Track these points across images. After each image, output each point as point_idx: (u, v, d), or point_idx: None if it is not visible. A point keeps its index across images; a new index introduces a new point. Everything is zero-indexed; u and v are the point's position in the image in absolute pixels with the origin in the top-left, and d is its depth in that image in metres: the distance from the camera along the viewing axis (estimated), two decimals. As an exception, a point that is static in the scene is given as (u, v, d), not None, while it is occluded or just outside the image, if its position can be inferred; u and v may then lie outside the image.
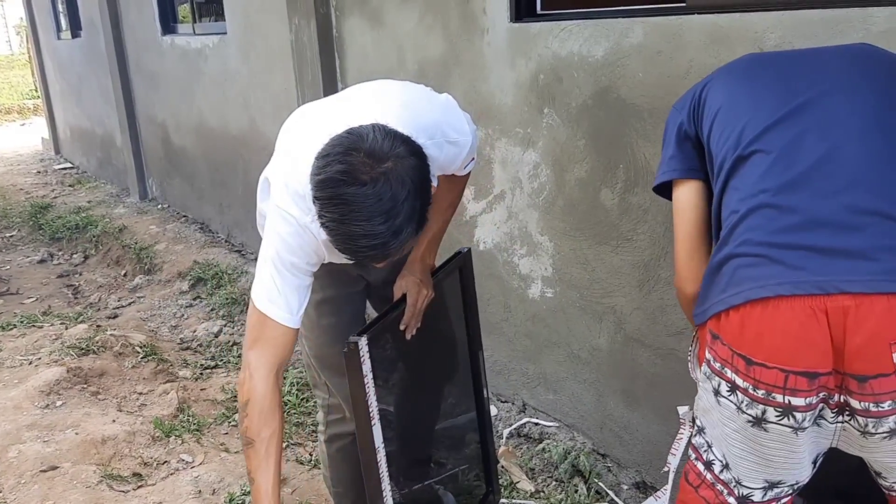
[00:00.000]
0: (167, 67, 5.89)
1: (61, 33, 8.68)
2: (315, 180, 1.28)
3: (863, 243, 1.12)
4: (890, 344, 1.08)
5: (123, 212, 6.60)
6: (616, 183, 2.36)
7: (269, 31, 4.25)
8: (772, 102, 1.29)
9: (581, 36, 2.37)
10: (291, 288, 1.51)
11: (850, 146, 1.19)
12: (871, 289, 1.09)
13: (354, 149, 1.26)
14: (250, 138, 4.82)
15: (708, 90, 1.43)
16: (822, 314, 1.12)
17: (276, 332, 1.50)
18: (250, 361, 1.50)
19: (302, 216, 1.46)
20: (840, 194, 1.17)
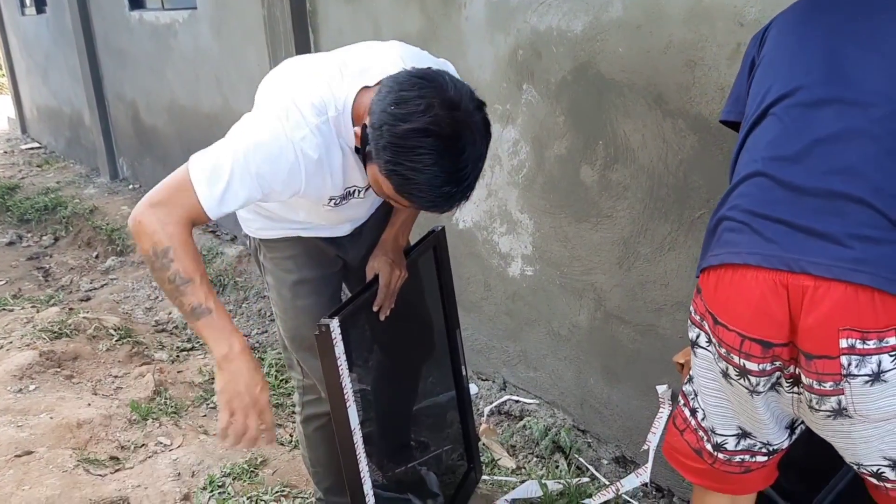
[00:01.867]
0: (136, 44, 5.75)
1: (26, 9, 8.44)
2: (401, 129, 1.27)
3: (840, 229, 1.14)
4: (839, 329, 1.13)
5: (94, 192, 6.47)
6: (596, 160, 2.35)
7: (240, 6, 4.16)
8: (807, 63, 1.27)
9: (560, 10, 2.34)
10: (239, 189, 1.37)
11: (863, 130, 1.18)
12: (832, 274, 1.12)
13: (439, 98, 1.28)
14: (223, 117, 4.73)
15: (771, 28, 1.42)
16: (784, 289, 1.16)
17: (193, 208, 1.36)
18: (159, 215, 1.35)
19: (294, 131, 1.38)
20: (834, 176, 1.17)
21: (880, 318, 1.11)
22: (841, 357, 1.14)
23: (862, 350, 1.13)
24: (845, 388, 1.16)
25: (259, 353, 3.44)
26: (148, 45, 5.54)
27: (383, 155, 1.31)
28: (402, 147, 1.28)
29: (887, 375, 1.14)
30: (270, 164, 1.38)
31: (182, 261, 1.37)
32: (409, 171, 1.30)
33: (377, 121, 1.32)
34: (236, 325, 1.45)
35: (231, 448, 1.43)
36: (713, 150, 1.98)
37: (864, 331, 1.12)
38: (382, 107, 1.31)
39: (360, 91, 1.45)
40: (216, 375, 1.43)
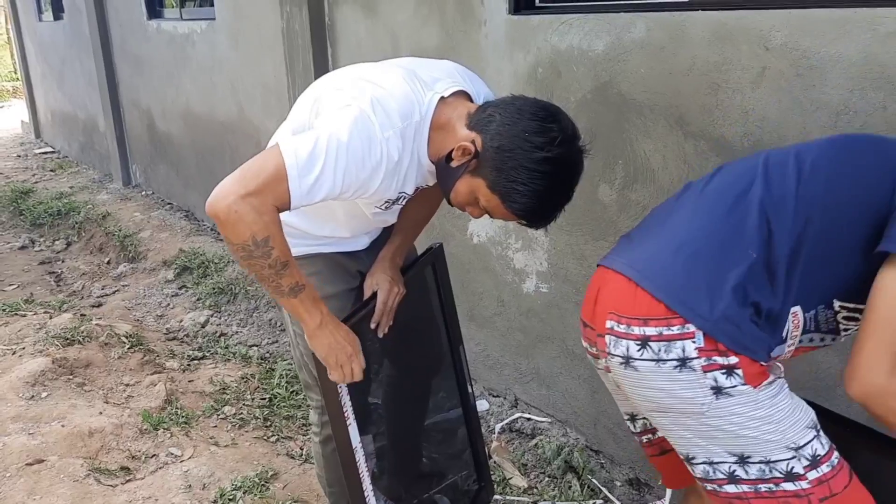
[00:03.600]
0: (153, 52, 5.79)
1: (43, 15, 8.51)
2: (537, 156, 1.40)
3: (642, 242, 1.39)
4: (608, 312, 1.33)
5: (106, 198, 6.49)
6: (615, 179, 2.34)
7: (259, 18, 4.19)
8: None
9: (581, 29, 2.34)
10: (326, 181, 1.38)
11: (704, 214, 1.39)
12: (617, 267, 1.35)
13: (565, 132, 1.44)
14: (238, 125, 4.75)
15: None
16: (598, 279, 1.40)
17: (283, 198, 1.37)
18: (254, 204, 1.35)
19: (381, 129, 1.41)
20: (683, 222, 1.39)
21: (632, 306, 1.29)
22: (606, 336, 1.32)
23: (616, 332, 1.30)
24: (610, 365, 1.34)
25: (269, 363, 3.44)
26: (165, 53, 5.57)
27: (507, 175, 1.43)
28: (534, 172, 1.41)
29: (637, 364, 1.28)
30: (358, 161, 1.40)
31: (280, 246, 1.41)
32: (528, 192, 1.43)
33: (509, 144, 1.42)
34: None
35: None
36: (735, 172, 1.97)
37: (619, 314, 1.30)
38: (516, 132, 1.41)
39: (439, 101, 1.51)
40: (312, 342, 1.56)
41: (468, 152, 1.46)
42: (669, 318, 1.25)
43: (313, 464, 2.57)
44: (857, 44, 1.66)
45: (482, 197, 1.48)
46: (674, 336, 1.25)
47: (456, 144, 1.47)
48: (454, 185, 1.51)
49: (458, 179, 1.49)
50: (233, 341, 3.71)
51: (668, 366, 1.26)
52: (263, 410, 3.00)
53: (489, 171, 1.44)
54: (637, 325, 1.28)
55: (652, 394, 1.30)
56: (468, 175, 1.47)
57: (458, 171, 1.48)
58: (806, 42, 1.76)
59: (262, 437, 2.85)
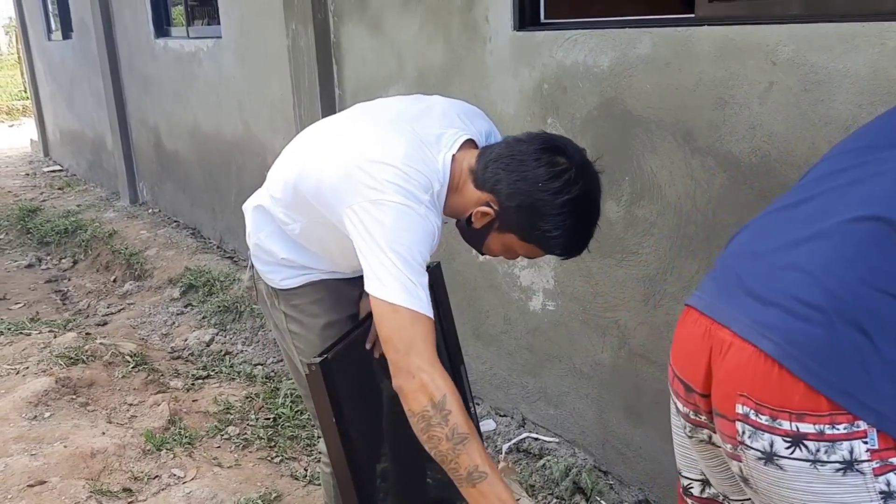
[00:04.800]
0: (160, 71, 5.82)
1: (52, 34, 8.59)
2: (558, 201, 1.38)
3: (770, 293, 1.09)
4: (737, 393, 1.08)
5: (113, 216, 6.51)
6: (621, 195, 2.32)
7: (265, 36, 4.20)
8: (861, 136, 1.24)
9: (587, 46, 2.33)
10: (421, 281, 1.36)
11: (849, 208, 1.10)
12: (744, 334, 1.08)
13: (573, 165, 1.40)
14: (245, 143, 4.76)
15: None
16: (710, 338, 1.14)
17: (427, 327, 1.34)
18: (421, 365, 1.31)
19: (418, 208, 1.37)
20: (797, 245, 1.11)
21: (776, 393, 1.03)
22: (736, 422, 1.08)
23: (755, 422, 1.06)
24: (742, 455, 1.10)
25: (274, 382, 3.41)
26: (172, 72, 5.60)
27: (533, 227, 1.41)
28: (560, 216, 1.39)
29: (783, 462, 1.04)
30: (424, 243, 1.38)
31: (459, 413, 1.30)
32: (559, 234, 1.41)
33: (527, 200, 1.39)
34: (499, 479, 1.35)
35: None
36: (744, 188, 1.95)
37: (758, 402, 1.05)
38: (529, 186, 1.39)
39: (451, 160, 1.47)
40: None
41: (487, 215, 1.44)
42: (833, 415, 1.00)
43: (318, 485, 2.53)
44: (866, 58, 1.64)
45: (518, 248, 1.48)
46: (839, 436, 1.00)
47: (470, 206, 1.46)
48: (485, 244, 1.51)
49: (486, 238, 1.49)
50: (238, 360, 3.69)
51: (828, 468, 1.02)
52: (268, 430, 2.97)
53: (516, 227, 1.44)
54: (786, 419, 1.03)
55: (799, 496, 1.06)
56: (495, 233, 1.47)
57: (484, 231, 1.48)
58: (813, 57, 1.74)
59: (266, 457, 2.82)
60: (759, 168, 1.90)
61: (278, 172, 1.67)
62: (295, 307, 1.78)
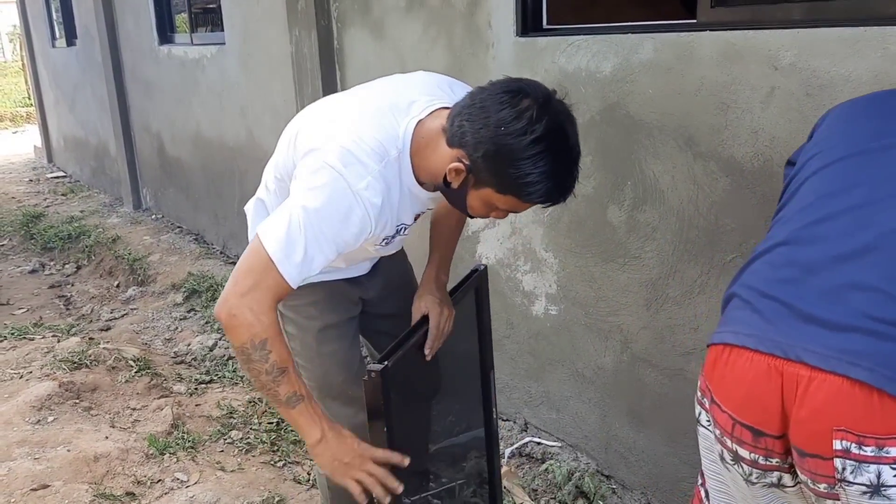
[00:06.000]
0: (163, 77, 5.84)
1: (56, 41, 8.63)
2: (522, 144, 1.30)
3: (841, 317, 1.05)
4: (833, 429, 1.02)
5: (117, 222, 6.52)
6: (624, 200, 2.32)
7: (268, 43, 4.22)
8: (852, 138, 1.23)
9: (589, 51, 2.34)
10: (317, 254, 1.38)
11: (885, 211, 1.10)
12: (828, 365, 1.02)
13: (535, 103, 1.32)
14: (248, 149, 4.77)
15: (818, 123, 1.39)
16: (778, 376, 1.07)
17: (279, 286, 1.37)
18: (251, 305, 1.36)
19: (356, 181, 1.38)
20: (844, 261, 1.09)
21: (879, 421, 0.99)
22: (834, 459, 1.03)
23: (858, 456, 1.01)
24: (840, 493, 1.05)
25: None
26: (175, 78, 5.62)
27: (508, 175, 1.34)
28: (526, 159, 1.31)
29: (890, 492, 1.00)
30: (341, 223, 1.39)
31: (278, 350, 1.40)
32: (534, 178, 1.33)
33: (492, 147, 1.33)
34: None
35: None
36: (746, 193, 1.95)
37: (860, 434, 1.00)
38: (491, 132, 1.32)
39: (416, 125, 1.46)
40: (315, 458, 1.52)
41: (460, 171, 1.40)
42: None
43: (320, 489, 2.53)
44: (868, 63, 1.64)
45: (497, 202, 1.42)
46: None
47: (441, 165, 1.43)
48: (466, 203, 1.47)
49: (465, 197, 1.45)
50: (240, 365, 3.69)
51: None
52: (271, 435, 2.97)
53: (490, 179, 1.38)
54: (894, 444, 1.00)
55: None
56: (473, 189, 1.42)
57: (463, 190, 1.44)
58: (815, 62, 1.74)
59: (269, 462, 2.82)
60: (762, 173, 1.91)
61: (272, 161, 1.69)
62: (292, 308, 1.78)
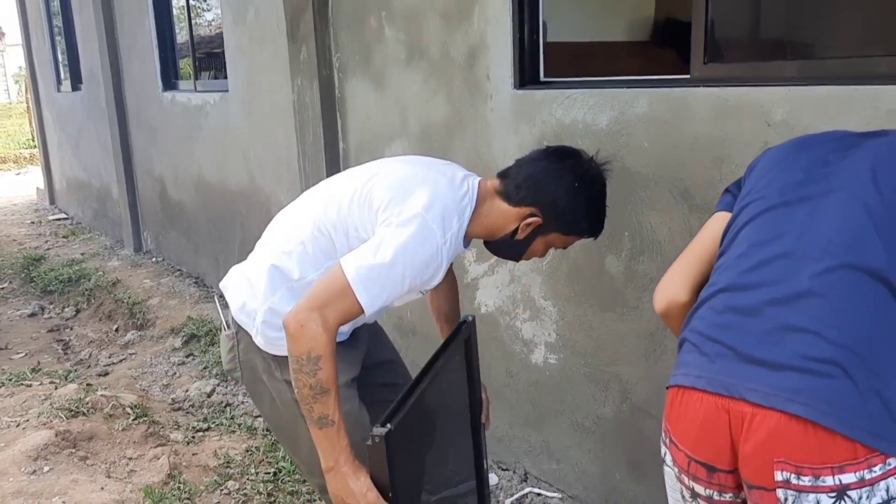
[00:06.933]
0: (167, 122, 5.92)
1: (61, 86, 8.75)
2: (596, 190, 1.71)
3: (778, 357, 1.13)
4: (774, 460, 1.10)
5: (117, 264, 6.54)
6: (621, 250, 2.34)
7: (271, 90, 4.28)
8: (780, 186, 1.29)
9: (585, 104, 2.38)
10: (391, 289, 1.52)
11: (809, 260, 1.17)
12: (767, 402, 1.10)
13: (585, 160, 1.71)
14: (249, 193, 4.81)
15: (752, 166, 1.44)
16: (725, 413, 1.15)
17: (351, 309, 1.50)
18: (320, 321, 1.47)
19: (440, 236, 1.56)
20: (778, 306, 1.16)
21: (815, 453, 1.07)
22: (777, 490, 1.10)
23: (797, 486, 1.08)
24: None
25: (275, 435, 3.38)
26: (179, 123, 5.70)
27: (574, 219, 1.68)
28: (598, 202, 1.72)
29: None
30: (423, 267, 1.55)
31: (327, 370, 1.49)
32: (593, 216, 1.72)
33: (566, 206, 1.65)
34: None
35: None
36: (742, 246, 1.96)
37: (798, 465, 1.08)
38: (559, 196, 1.64)
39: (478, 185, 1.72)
40: (328, 482, 1.57)
41: (535, 224, 1.67)
42: (869, 459, 1.06)
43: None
44: (859, 121, 1.67)
45: (558, 242, 1.73)
46: (876, 478, 1.06)
47: (511, 222, 1.68)
48: (528, 250, 1.74)
49: (529, 245, 1.72)
50: (238, 412, 3.67)
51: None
52: (268, 485, 2.94)
53: (559, 225, 1.68)
54: (829, 474, 1.07)
55: None
56: (541, 237, 1.70)
57: (529, 240, 1.71)
58: (807, 119, 1.78)
59: (266, 513, 2.79)
60: (757, 225, 1.92)
61: (291, 224, 1.74)
62: None
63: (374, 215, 1.62)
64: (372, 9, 3.26)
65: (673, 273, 1.45)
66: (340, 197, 1.67)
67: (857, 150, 1.26)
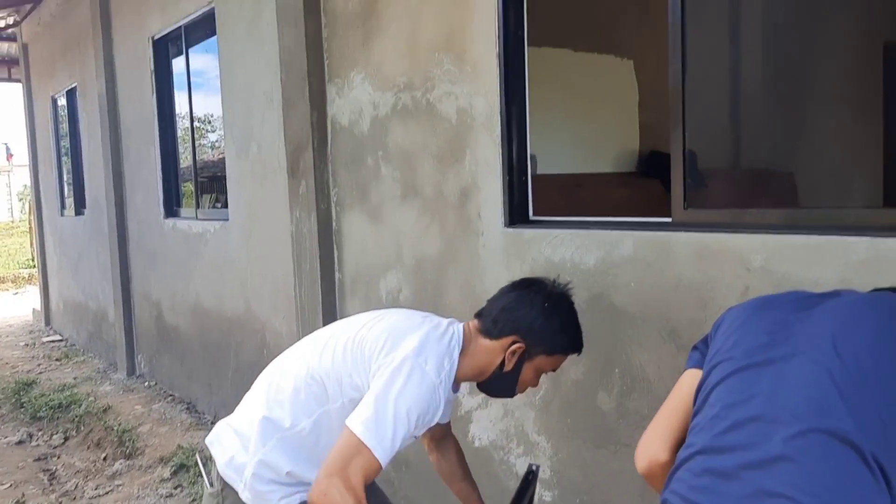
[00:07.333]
0: (167, 248, 6.04)
1: (65, 209, 8.96)
2: (564, 310, 1.82)
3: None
4: None
5: (109, 389, 6.48)
6: (612, 387, 2.36)
7: (270, 221, 4.41)
8: (745, 347, 1.33)
9: (573, 244, 2.47)
10: (402, 435, 1.57)
11: (781, 424, 1.20)
12: None
13: (550, 281, 1.88)
14: (245, 321, 4.85)
15: (718, 324, 1.48)
16: None
17: (369, 464, 1.53)
18: (339, 485, 1.49)
19: (435, 376, 1.63)
20: (753, 470, 1.19)
21: None
22: None
23: None
24: None
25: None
26: (178, 250, 5.81)
27: (554, 338, 1.78)
28: (570, 317, 1.82)
29: None
30: (425, 408, 1.61)
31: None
32: (570, 332, 1.82)
33: (542, 326, 1.76)
34: None
35: None
36: (730, 386, 1.99)
37: None
38: (536, 313, 1.76)
39: (462, 328, 1.82)
40: None
41: (520, 350, 1.76)
42: None
43: None
44: (833, 270, 1.75)
45: (545, 364, 1.81)
46: None
47: (497, 355, 1.77)
48: (519, 380, 1.81)
49: (519, 374, 1.79)
50: (226, 549, 3.55)
51: None
52: None
53: (542, 347, 1.77)
54: None
55: None
56: (527, 363, 1.79)
57: (517, 369, 1.78)
58: (784, 266, 1.85)
59: None
60: (743, 367, 1.96)
61: (284, 372, 1.78)
62: None
63: (366, 362, 1.68)
64: (369, 149, 3.43)
65: (652, 433, 1.47)
66: (334, 345, 1.73)
67: (816, 313, 1.32)
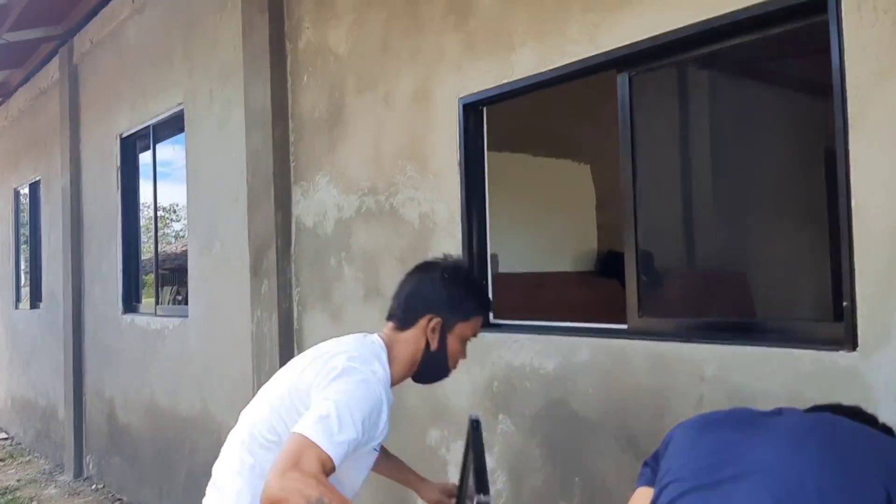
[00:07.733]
0: (123, 344, 5.90)
1: (20, 303, 8.76)
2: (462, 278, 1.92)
3: None
4: None
5: (54, 493, 6.16)
6: (573, 496, 2.33)
7: (230, 320, 4.36)
8: (693, 468, 1.36)
9: (532, 349, 2.49)
10: (347, 432, 1.57)
11: None
12: None
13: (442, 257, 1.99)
14: (200, 420, 4.71)
15: (667, 441, 1.50)
16: None
17: (321, 459, 1.50)
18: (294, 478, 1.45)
19: (371, 374, 1.69)
20: None
21: None
22: None
23: None
24: None
25: None
26: (135, 346, 5.68)
27: (464, 303, 1.87)
28: (470, 281, 1.96)
29: None
30: (369, 409, 1.63)
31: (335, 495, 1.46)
32: (479, 292, 1.97)
33: (449, 295, 1.86)
34: None
35: None
36: (688, 497, 1.98)
37: None
38: (439, 292, 1.86)
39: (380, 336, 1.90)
40: None
41: (438, 324, 1.84)
42: None
43: None
44: (782, 381, 1.79)
45: (467, 330, 1.90)
46: None
47: (419, 340, 1.86)
48: (448, 353, 1.89)
49: (447, 347, 1.87)
50: None
51: None
52: None
53: (456, 313, 1.86)
54: None
55: None
56: (450, 335, 1.87)
57: (443, 343, 1.86)
58: (736, 376, 1.89)
59: None
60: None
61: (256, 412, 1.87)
62: None
63: (308, 390, 1.72)
64: (333, 250, 3.46)
65: None
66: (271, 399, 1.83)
67: (759, 433, 1.35)
